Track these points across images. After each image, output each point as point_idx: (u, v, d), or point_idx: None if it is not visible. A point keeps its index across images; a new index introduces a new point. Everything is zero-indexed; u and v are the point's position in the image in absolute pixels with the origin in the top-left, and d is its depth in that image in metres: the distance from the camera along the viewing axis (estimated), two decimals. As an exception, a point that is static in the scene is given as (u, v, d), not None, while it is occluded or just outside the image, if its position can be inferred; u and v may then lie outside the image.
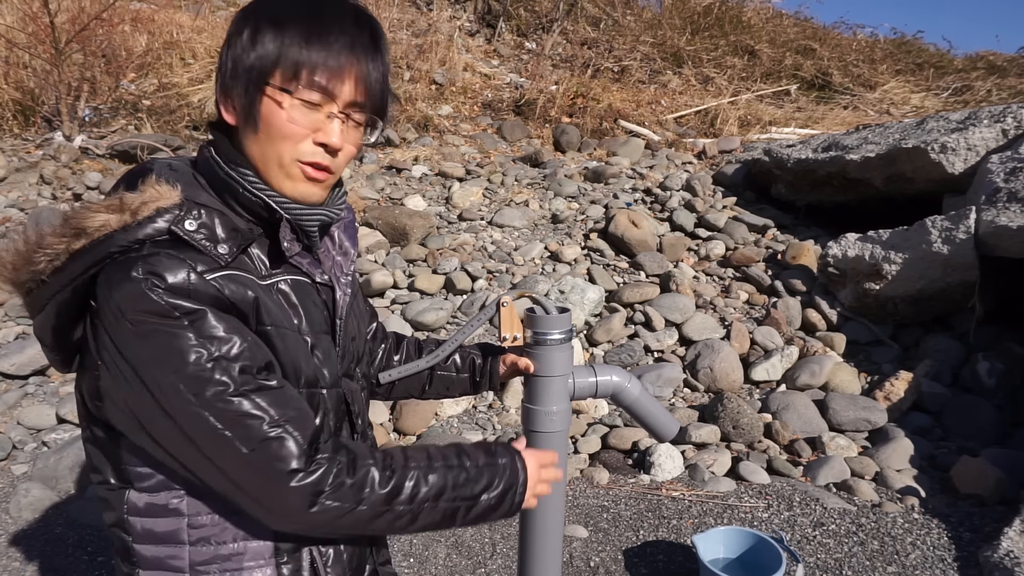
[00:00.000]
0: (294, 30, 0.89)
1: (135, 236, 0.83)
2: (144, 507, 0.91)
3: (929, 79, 9.13)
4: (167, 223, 0.84)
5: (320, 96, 0.90)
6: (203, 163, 0.94)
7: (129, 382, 0.82)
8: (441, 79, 7.74)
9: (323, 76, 0.89)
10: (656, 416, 1.35)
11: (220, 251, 0.86)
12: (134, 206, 0.83)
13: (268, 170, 0.92)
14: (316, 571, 0.97)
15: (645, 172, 5.94)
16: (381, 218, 4.95)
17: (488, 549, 2.75)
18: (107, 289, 0.82)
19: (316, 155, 0.92)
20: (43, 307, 0.87)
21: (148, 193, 0.85)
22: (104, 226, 0.82)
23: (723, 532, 2.57)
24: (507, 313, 1.24)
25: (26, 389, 3.63)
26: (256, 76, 0.89)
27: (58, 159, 5.62)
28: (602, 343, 4.06)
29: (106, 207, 0.84)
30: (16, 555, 2.70)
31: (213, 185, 0.93)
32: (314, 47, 0.88)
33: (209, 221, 0.87)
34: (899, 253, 3.89)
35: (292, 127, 0.90)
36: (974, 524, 2.77)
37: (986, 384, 3.59)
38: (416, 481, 0.92)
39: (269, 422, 0.83)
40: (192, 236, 0.85)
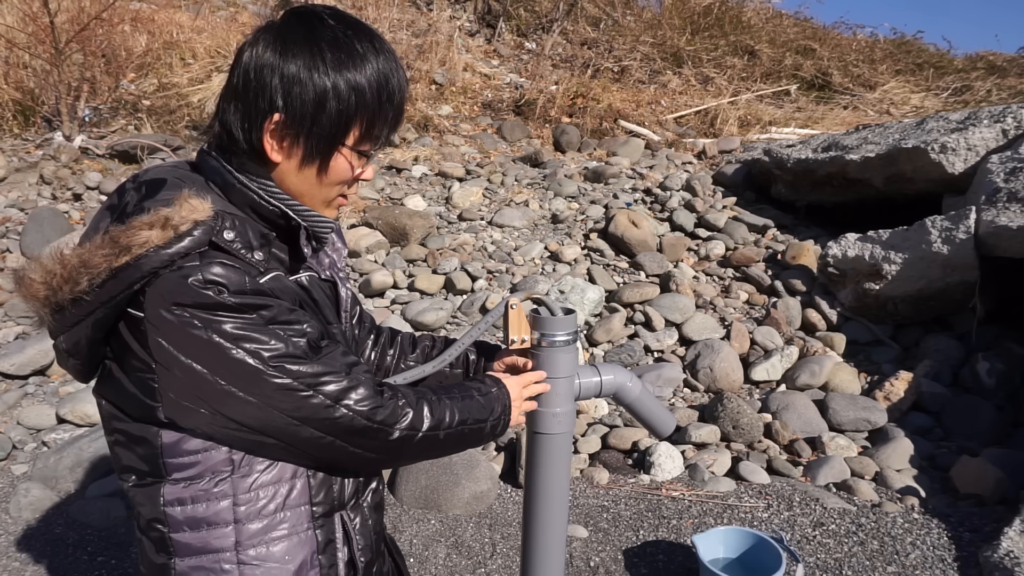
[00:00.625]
0: (377, 101, 0.97)
1: (178, 250, 0.86)
2: (186, 496, 0.97)
3: (929, 79, 9.13)
4: (206, 235, 0.88)
5: (376, 146, 1.02)
6: (211, 171, 0.98)
7: (202, 376, 0.88)
8: (441, 79, 7.74)
9: (387, 132, 1.01)
10: (656, 413, 1.38)
11: (257, 257, 0.93)
12: (175, 221, 0.87)
13: (314, 203, 1.02)
14: (348, 534, 1.07)
15: (645, 172, 5.94)
16: (381, 218, 4.95)
17: (488, 549, 2.75)
18: (165, 298, 0.86)
19: (354, 189, 1.06)
20: (76, 323, 0.89)
21: (185, 208, 0.88)
22: (147, 243, 0.85)
23: (723, 532, 2.57)
24: (515, 315, 1.24)
25: (26, 389, 3.63)
26: (333, 135, 0.96)
27: (58, 159, 5.62)
28: (602, 343, 4.06)
29: (148, 224, 0.86)
30: (16, 555, 2.70)
31: (226, 193, 0.98)
32: (385, 106, 0.98)
33: (243, 230, 0.93)
34: (899, 253, 3.89)
35: (351, 175, 1.01)
36: (974, 524, 2.77)
37: (986, 384, 3.59)
38: (451, 411, 1.06)
39: (343, 375, 0.95)
40: (231, 246, 0.90)
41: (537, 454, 1.29)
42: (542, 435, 1.26)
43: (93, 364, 0.96)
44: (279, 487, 0.99)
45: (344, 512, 1.07)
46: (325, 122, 0.94)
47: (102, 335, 0.91)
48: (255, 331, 0.88)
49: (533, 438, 1.27)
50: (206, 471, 0.96)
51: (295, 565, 1.01)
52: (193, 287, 0.85)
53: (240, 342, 0.88)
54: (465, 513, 2.97)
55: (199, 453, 0.95)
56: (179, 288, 0.85)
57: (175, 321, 0.86)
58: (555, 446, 1.27)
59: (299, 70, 0.92)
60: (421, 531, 2.85)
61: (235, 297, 0.87)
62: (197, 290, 0.85)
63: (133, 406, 0.94)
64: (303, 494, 1.01)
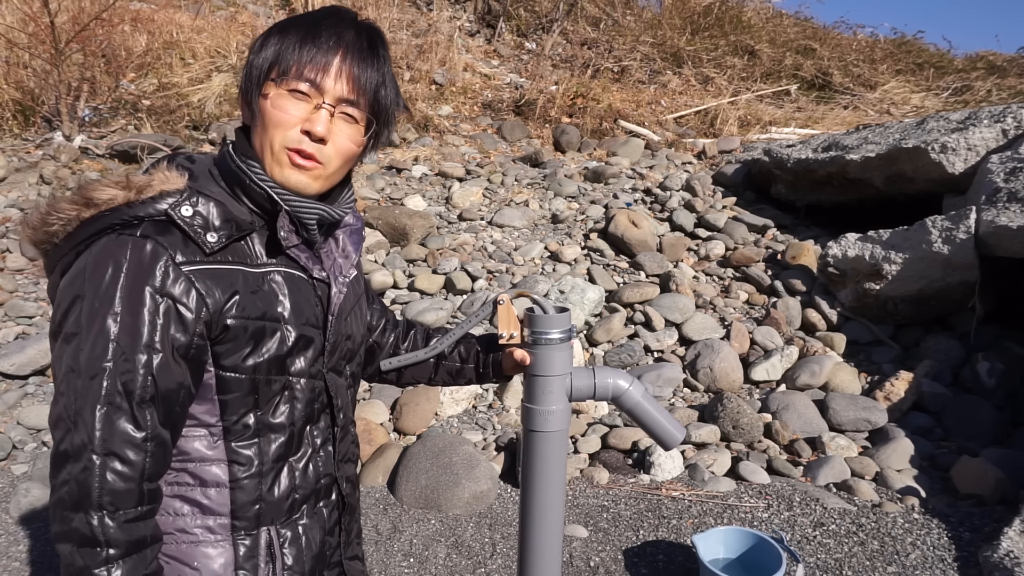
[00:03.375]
0: (293, 35, 0.98)
1: (136, 212, 0.91)
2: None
3: (929, 79, 9.13)
4: (165, 206, 0.92)
5: (308, 86, 0.97)
6: (220, 157, 1.02)
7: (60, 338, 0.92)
8: (441, 79, 7.74)
9: (311, 70, 0.97)
10: (660, 422, 1.30)
11: (208, 239, 0.93)
12: (140, 185, 0.92)
13: (264, 158, 0.99)
14: (272, 550, 1.03)
15: (645, 172, 5.94)
16: (381, 218, 4.95)
17: (488, 549, 2.75)
18: (88, 252, 0.91)
19: (302, 142, 0.98)
20: (53, 268, 0.96)
21: (156, 176, 0.93)
22: (112, 200, 0.91)
23: (723, 532, 2.57)
24: (504, 311, 1.25)
25: (26, 389, 3.63)
26: (257, 75, 0.98)
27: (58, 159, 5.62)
28: (602, 343, 4.06)
29: (115, 183, 0.92)
30: (16, 555, 2.70)
31: (225, 177, 1.00)
32: (306, 46, 0.97)
33: (205, 210, 0.95)
34: (899, 253, 3.89)
35: (280, 115, 0.97)
36: (974, 524, 2.77)
37: (986, 384, 3.59)
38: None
39: (100, 436, 0.87)
40: (185, 220, 0.92)
41: (532, 452, 1.29)
42: (537, 433, 1.26)
43: None
44: (195, 489, 0.99)
45: (273, 528, 1.04)
46: (251, 64, 0.99)
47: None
48: (89, 323, 0.88)
49: (528, 436, 1.27)
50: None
51: (207, 573, 0.99)
52: (110, 243, 0.89)
53: (66, 325, 0.90)
54: (465, 513, 2.96)
55: None
56: (106, 245, 0.90)
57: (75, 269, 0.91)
58: (550, 444, 1.26)
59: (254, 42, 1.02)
60: (421, 531, 2.85)
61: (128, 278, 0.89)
62: (110, 247, 0.89)
63: None
64: (222, 503, 1.00)
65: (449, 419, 3.59)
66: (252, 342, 0.98)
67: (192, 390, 0.95)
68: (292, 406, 1.04)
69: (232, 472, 1.00)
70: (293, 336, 1.01)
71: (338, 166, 1.02)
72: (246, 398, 0.99)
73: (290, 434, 1.04)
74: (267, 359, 0.99)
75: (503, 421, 3.55)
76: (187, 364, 0.93)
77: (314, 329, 1.05)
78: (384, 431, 3.43)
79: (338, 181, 1.06)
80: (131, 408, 0.88)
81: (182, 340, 0.91)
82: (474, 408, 3.69)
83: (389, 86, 1.04)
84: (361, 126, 1.02)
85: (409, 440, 3.43)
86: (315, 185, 1.01)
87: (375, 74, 1.01)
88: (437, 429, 3.48)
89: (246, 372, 0.98)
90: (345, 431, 1.16)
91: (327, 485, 1.13)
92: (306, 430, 1.07)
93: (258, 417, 1.01)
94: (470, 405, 3.70)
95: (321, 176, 1.01)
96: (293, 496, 1.06)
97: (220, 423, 0.99)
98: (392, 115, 1.06)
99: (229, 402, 0.98)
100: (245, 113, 1.02)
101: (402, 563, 2.68)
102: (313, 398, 1.07)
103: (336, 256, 1.12)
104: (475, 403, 3.72)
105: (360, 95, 1.00)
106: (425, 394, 3.55)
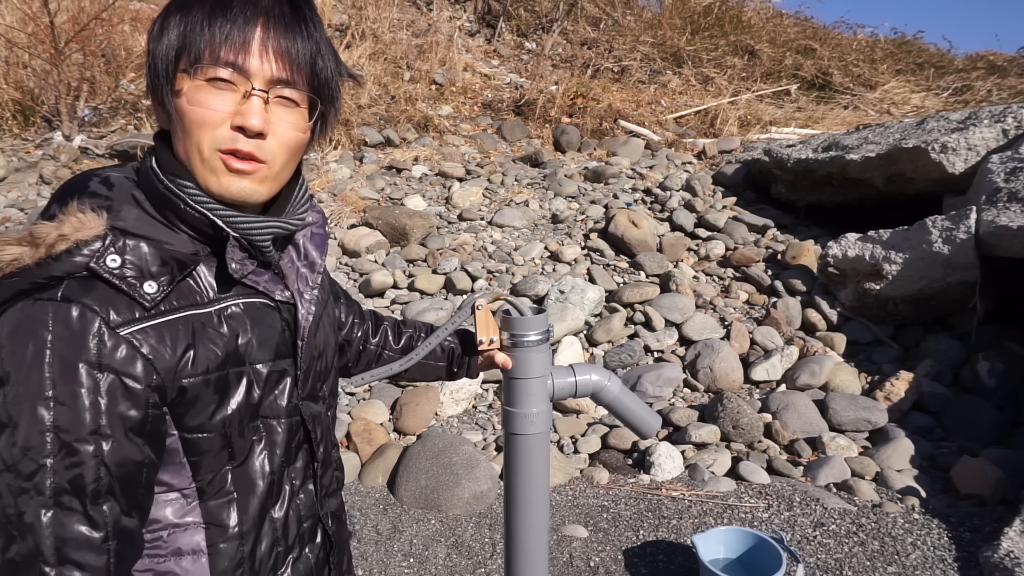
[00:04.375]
0: (198, 12, 0.80)
1: (51, 272, 0.74)
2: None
3: (929, 79, 9.13)
4: (85, 259, 0.74)
5: (230, 72, 0.79)
6: (143, 176, 0.84)
7: None
8: (441, 79, 7.74)
9: (229, 51, 0.79)
10: (637, 413, 1.33)
11: (147, 290, 0.77)
12: (50, 240, 0.74)
13: (194, 168, 0.82)
14: None
15: (645, 172, 5.94)
16: (381, 218, 4.95)
17: (488, 549, 2.75)
18: (5, 323, 0.74)
19: (236, 140, 0.80)
20: None
21: (66, 224, 0.75)
22: (16, 260, 0.73)
23: (723, 532, 2.57)
24: (482, 316, 1.21)
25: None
26: (164, 67, 0.80)
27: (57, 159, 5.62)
28: (602, 343, 4.06)
29: (17, 240, 0.74)
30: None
31: (153, 201, 0.82)
32: (216, 23, 0.79)
33: (136, 255, 0.77)
34: (899, 253, 3.89)
35: (203, 112, 0.79)
36: (974, 524, 2.77)
37: (986, 384, 3.59)
38: None
39: (51, 554, 0.72)
40: (113, 273, 0.75)
41: (514, 455, 1.28)
42: (518, 436, 1.26)
43: None
44: (165, 562, 0.84)
45: None
46: (155, 54, 0.81)
47: None
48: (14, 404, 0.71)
49: (509, 439, 1.27)
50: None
51: None
52: (31, 313, 0.72)
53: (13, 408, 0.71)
54: (465, 513, 2.96)
55: None
56: (19, 312, 0.73)
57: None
58: (531, 447, 1.26)
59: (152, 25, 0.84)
60: (421, 531, 2.85)
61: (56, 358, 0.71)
62: (31, 319, 0.72)
63: None
64: (199, 573, 0.86)
65: (449, 419, 3.59)
66: (217, 396, 0.83)
67: (156, 461, 0.80)
68: (271, 451, 0.90)
69: (210, 536, 0.86)
70: (264, 375, 0.88)
71: (284, 161, 0.85)
72: (219, 454, 0.85)
73: (270, 482, 0.90)
74: (236, 409, 0.85)
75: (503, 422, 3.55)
76: (144, 439, 0.77)
77: (284, 360, 0.91)
78: (384, 431, 3.43)
79: (287, 179, 0.89)
80: (84, 507, 0.73)
81: (135, 416, 0.76)
82: (474, 408, 3.69)
83: (327, 54, 0.86)
84: (304, 109, 0.85)
85: (409, 440, 3.42)
86: (262, 190, 0.84)
87: (308, 43, 0.83)
88: (437, 429, 3.47)
89: (215, 429, 0.84)
90: (327, 463, 1.02)
91: (311, 528, 0.99)
92: (284, 473, 0.93)
93: (235, 470, 0.87)
94: (470, 405, 3.70)
95: (267, 178, 0.84)
96: (276, 551, 0.92)
97: (192, 484, 0.84)
98: (336, 88, 0.89)
99: (200, 462, 0.84)
100: (160, 116, 0.84)
101: (402, 563, 2.68)
102: (290, 436, 0.93)
103: (299, 265, 0.96)
104: (475, 403, 3.72)
105: (295, 72, 0.82)
106: (425, 394, 3.55)
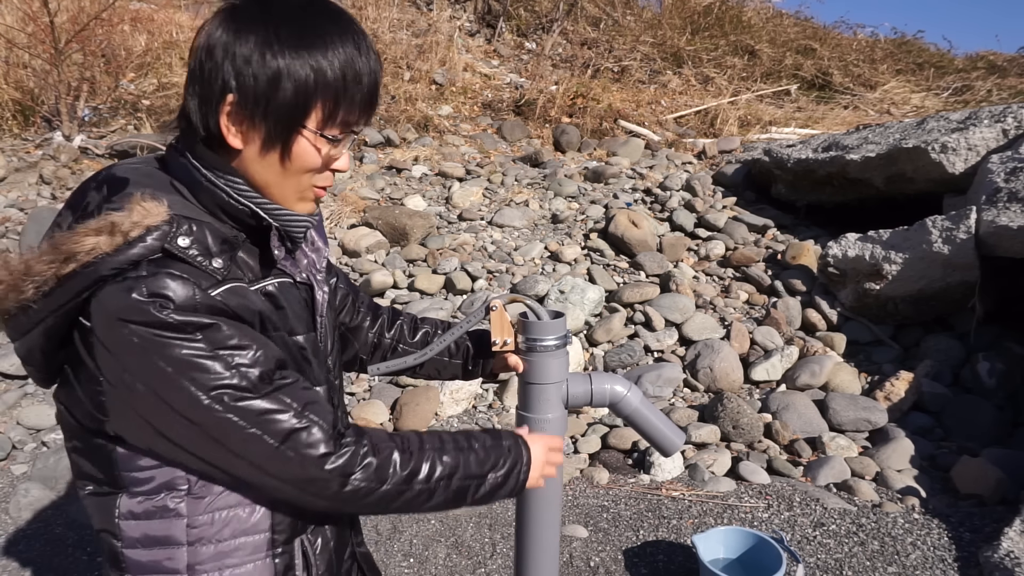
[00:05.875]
0: (328, 71, 0.88)
1: (127, 257, 0.81)
2: (140, 511, 0.91)
3: (929, 79, 9.13)
4: (159, 241, 0.82)
5: (348, 134, 0.94)
6: (179, 168, 0.92)
7: (144, 397, 0.83)
8: (441, 79, 7.74)
9: (358, 119, 0.93)
10: (658, 427, 1.27)
11: (215, 265, 0.85)
12: (124, 227, 0.81)
13: (284, 195, 0.94)
14: (307, 559, 1.01)
15: (645, 172, 5.94)
16: (381, 218, 4.95)
17: (488, 549, 2.75)
18: (108, 312, 0.80)
19: (328, 180, 0.97)
20: (28, 331, 0.85)
21: (136, 212, 0.82)
22: (94, 249, 0.80)
23: (723, 532, 2.57)
24: (497, 317, 1.20)
25: (26, 389, 3.63)
26: (291, 116, 0.89)
27: (57, 159, 5.62)
28: (602, 343, 4.06)
29: (95, 230, 0.81)
30: (16, 555, 2.70)
31: (194, 192, 0.91)
32: (351, 88, 0.90)
33: (200, 235, 0.86)
34: (899, 253, 3.89)
35: (316, 158, 0.92)
36: (974, 524, 2.77)
37: (986, 384, 3.59)
38: (432, 462, 0.97)
39: (295, 414, 0.86)
40: (186, 253, 0.84)
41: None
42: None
43: (51, 370, 0.92)
44: (237, 511, 0.93)
45: (305, 536, 1.01)
46: (280, 103, 0.87)
47: (56, 343, 0.87)
48: (199, 357, 0.81)
49: None
50: (162, 487, 0.91)
51: None
52: (135, 301, 0.79)
53: (182, 369, 0.81)
54: (465, 513, 2.96)
55: (154, 469, 0.90)
56: (121, 301, 0.80)
57: (117, 337, 0.81)
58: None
59: (251, 50, 0.86)
60: (421, 531, 2.85)
61: (179, 314, 0.80)
62: (139, 305, 0.79)
63: (87, 417, 0.89)
64: (264, 520, 0.95)
65: (449, 419, 3.58)
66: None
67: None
68: None
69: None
70: (302, 346, 0.99)
71: None
72: None
73: None
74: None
75: (503, 421, 3.54)
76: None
77: (312, 334, 1.02)
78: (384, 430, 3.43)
79: None
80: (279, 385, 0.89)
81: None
82: (474, 408, 3.69)
83: None
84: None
85: (409, 440, 3.42)
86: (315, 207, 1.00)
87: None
88: (437, 428, 3.47)
89: None
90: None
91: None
92: None
93: None
94: (470, 405, 3.70)
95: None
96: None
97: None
98: None
99: None
100: (236, 137, 0.89)
101: (402, 563, 2.68)
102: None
103: (308, 251, 1.07)
104: (475, 403, 3.72)
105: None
106: (425, 394, 3.55)
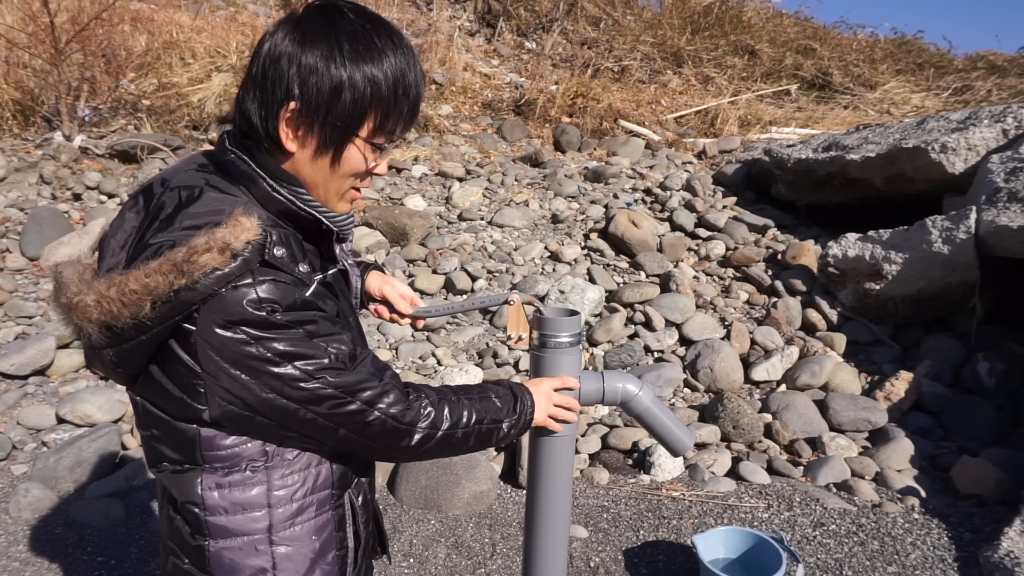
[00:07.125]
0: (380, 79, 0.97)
1: (232, 271, 0.90)
2: (224, 482, 1.04)
3: (929, 79, 9.13)
4: (257, 254, 0.92)
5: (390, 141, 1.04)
6: (243, 177, 1.01)
7: (251, 386, 0.94)
8: (441, 79, 7.74)
9: (401, 128, 1.03)
10: (668, 427, 1.28)
11: (303, 270, 0.98)
12: (234, 246, 0.90)
13: (327, 195, 1.05)
14: (353, 509, 1.17)
15: (645, 172, 5.94)
16: (381, 218, 4.95)
17: (488, 549, 2.75)
18: (224, 318, 0.91)
19: (367, 183, 1.10)
20: (131, 339, 0.93)
21: (238, 228, 0.92)
22: (207, 265, 0.89)
23: (723, 532, 2.57)
24: (514, 312, 1.24)
25: (26, 389, 3.62)
26: (347, 124, 0.98)
27: (58, 159, 5.62)
28: (602, 343, 4.06)
29: (206, 248, 0.89)
30: (16, 555, 2.70)
31: (261, 199, 1.01)
32: (400, 100, 1.00)
33: (287, 243, 0.97)
34: (899, 253, 3.88)
35: (363, 164, 1.03)
36: (974, 524, 2.77)
37: (986, 384, 3.59)
38: (469, 410, 1.13)
39: (377, 381, 1.03)
40: (282, 261, 0.94)
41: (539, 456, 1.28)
42: (545, 439, 1.26)
43: (140, 370, 1.00)
44: (307, 473, 1.07)
45: (351, 490, 1.16)
46: (340, 112, 0.97)
47: (156, 347, 0.96)
48: (302, 346, 0.95)
49: (535, 440, 1.27)
50: (242, 460, 1.03)
51: (320, 543, 1.10)
52: (247, 307, 0.90)
53: (288, 358, 0.94)
54: (465, 513, 2.96)
55: (236, 447, 1.02)
56: (233, 308, 0.90)
57: (228, 338, 0.91)
58: (557, 448, 1.26)
59: (316, 60, 0.95)
60: (421, 531, 2.85)
61: (285, 315, 0.93)
62: (251, 310, 0.90)
63: (176, 407, 1.00)
64: (328, 478, 1.10)
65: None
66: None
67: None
68: None
69: (325, 455, 1.10)
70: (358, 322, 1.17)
71: None
72: None
73: None
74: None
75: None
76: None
77: (353, 316, 1.18)
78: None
79: None
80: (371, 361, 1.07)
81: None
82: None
83: None
84: None
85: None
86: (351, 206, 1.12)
87: None
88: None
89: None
90: None
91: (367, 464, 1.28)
92: None
93: None
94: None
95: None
96: (361, 461, 1.19)
97: None
98: None
99: None
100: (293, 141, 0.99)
101: (402, 563, 2.68)
102: None
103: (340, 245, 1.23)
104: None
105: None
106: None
